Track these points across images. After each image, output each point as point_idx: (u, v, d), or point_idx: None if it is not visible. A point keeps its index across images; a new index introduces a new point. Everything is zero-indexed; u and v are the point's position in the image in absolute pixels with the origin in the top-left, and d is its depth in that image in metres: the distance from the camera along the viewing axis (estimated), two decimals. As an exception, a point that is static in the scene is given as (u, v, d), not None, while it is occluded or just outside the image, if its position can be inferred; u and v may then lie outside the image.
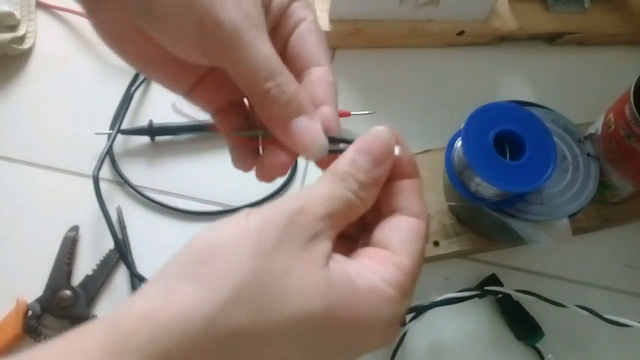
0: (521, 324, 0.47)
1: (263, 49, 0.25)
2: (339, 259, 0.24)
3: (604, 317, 0.44)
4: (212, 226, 0.23)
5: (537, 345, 0.47)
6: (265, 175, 0.30)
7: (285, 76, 0.26)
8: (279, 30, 0.29)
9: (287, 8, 0.29)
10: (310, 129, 0.26)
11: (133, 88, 0.56)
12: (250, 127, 0.31)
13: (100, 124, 0.55)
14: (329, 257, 0.23)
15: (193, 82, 0.31)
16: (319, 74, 0.28)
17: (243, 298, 0.20)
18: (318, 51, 0.29)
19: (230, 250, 0.22)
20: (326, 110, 0.28)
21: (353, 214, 0.25)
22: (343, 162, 0.25)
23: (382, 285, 0.23)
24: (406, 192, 0.26)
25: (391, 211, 0.26)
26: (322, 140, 0.27)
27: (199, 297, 0.20)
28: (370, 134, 0.26)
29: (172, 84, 0.31)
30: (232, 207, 0.52)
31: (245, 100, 0.32)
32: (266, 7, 0.28)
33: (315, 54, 0.29)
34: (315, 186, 0.25)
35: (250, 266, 0.21)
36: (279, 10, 0.29)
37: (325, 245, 0.23)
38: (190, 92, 0.31)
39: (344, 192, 0.24)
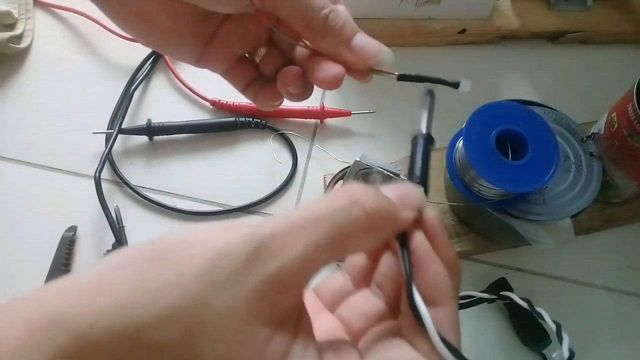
0: (528, 329, 0.47)
1: None
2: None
3: None
4: (189, 228, 0.21)
5: (544, 352, 0.46)
6: (321, 84, 0.31)
7: (332, 3, 0.29)
8: None
9: None
10: (371, 39, 0.29)
11: (132, 87, 0.56)
12: (259, 76, 0.34)
13: (97, 124, 0.55)
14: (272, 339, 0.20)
15: (201, 48, 0.33)
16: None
17: (174, 320, 0.18)
18: None
19: (184, 259, 0.19)
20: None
21: (345, 246, 0.22)
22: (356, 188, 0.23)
23: None
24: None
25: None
26: (386, 47, 0.29)
27: (134, 300, 0.19)
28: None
29: (184, 54, 0.33)
30: (231, 208, 0.52)
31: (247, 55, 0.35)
32: None
33: None
34: (303, 206, 0.21)
35: (195, 288, 0.19)
36: None
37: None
38: (201, 59, 0.33)
39: (340, 215, 0.21)
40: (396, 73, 0.30)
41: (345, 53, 0.29)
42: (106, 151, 0.52)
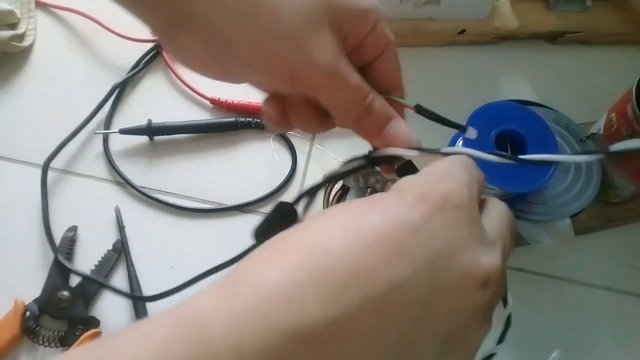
0: None
1: (353, 78, 0.28)
2: None
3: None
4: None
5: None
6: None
7: (372, 93, 0.29)
8: (366, 45, 0.29)
9: (375, 24, 0.29)
10: (400, 129, 0.29)
11: (118, 83, 0.56)
12: None
13: (100, 123, 0.55)
14: None
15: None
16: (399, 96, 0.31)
17: None
18: (399, 76, 0.31)
19: None
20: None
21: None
22: None
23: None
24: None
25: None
26: (414, 135, 0.29)
27: None
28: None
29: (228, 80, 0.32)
30: (230, 206, 0.52)
31: None
32: (352, 22, 0.28)
33: (398, 79, 0.31)
34: None
35: None
36: (368, 25, 0.29)
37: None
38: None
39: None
40: (413, 106, 0.31)
41: (375, 141, 0.30)
42: (64, 140, 0.52)
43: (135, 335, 0.19)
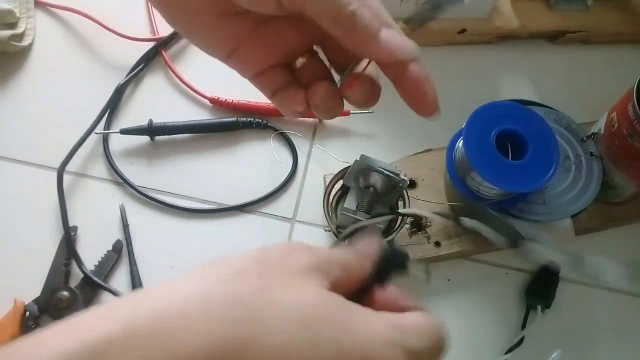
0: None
1: None
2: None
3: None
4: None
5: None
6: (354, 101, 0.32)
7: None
8: None
9: None
10: (397, 33, 0.29)
11: (119, 83, 0.56)
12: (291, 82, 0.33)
13: (100, 123, 0.55)
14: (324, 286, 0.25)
15: (234, 44, 0.31)
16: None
17: (251, 275, 0.23)
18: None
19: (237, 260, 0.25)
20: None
21: (348, 274, 0.27)
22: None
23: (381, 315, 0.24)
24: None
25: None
26: (412, 45, 0.29)
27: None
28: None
29: (214, 47, 0.31)
30: (231, 206, 0.52)
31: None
32: None
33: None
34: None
35: (253, 262, 0.24)
36: None
37: (322, 278, 0.25)
38: (230, 57, 0.31)
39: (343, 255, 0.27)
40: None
41: (375, 48, 0.29)
42: (75, 145, 0.52)
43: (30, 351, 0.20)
